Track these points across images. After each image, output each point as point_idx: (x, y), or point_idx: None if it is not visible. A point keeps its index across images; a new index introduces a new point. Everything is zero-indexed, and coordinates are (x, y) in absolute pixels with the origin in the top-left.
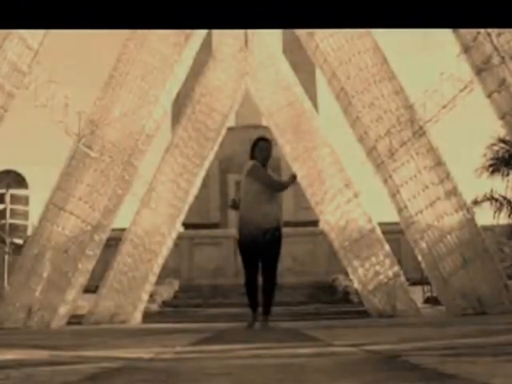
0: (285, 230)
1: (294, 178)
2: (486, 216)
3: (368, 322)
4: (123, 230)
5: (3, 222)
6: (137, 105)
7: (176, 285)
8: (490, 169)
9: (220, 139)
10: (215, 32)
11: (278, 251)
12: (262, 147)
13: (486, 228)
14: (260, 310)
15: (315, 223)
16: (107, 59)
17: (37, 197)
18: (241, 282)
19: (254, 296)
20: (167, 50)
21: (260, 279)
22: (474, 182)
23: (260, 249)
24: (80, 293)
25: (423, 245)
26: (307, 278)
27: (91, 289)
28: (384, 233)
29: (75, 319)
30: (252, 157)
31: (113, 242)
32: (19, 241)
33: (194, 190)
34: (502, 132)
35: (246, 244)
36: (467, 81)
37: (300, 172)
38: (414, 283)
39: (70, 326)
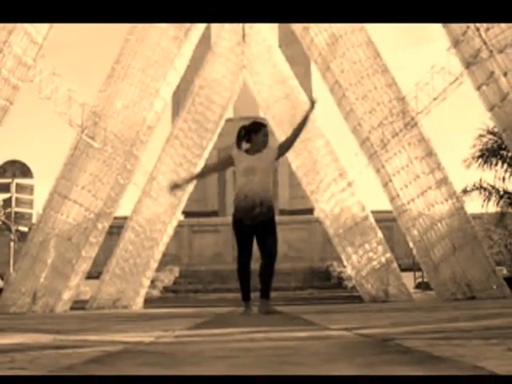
0: (280, 218)
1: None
2: (475, 205)
3: (361, 306)
4: (125, 218)
5: (9, 210)
6: (138, 97)
7: (176, 271)
8: (479, 159)
9: (219, 130)
10: (214, 26)
11: (274, 230)
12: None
13: (475, 216)
14: (258, 294)
15: (310, 211)
16: (109, 53)
17: (41, 186)
18: None
19: (247, 283)
20: (167, 44)
21: (254, 263)
22: (464, 172)
23: (255, 228)
24: (83, 279)
25: (415, 232)
26: (302, 265)
27: (94, 275)
28: (377, 220)
29: (78, 304)
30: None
31: (115, 230)
32: (24, 228)
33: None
34: (490, 123)
35: (241, 222)
36: (457, 74)
37: (296, 162)
38: (405, 269)
39: (74, 311)
